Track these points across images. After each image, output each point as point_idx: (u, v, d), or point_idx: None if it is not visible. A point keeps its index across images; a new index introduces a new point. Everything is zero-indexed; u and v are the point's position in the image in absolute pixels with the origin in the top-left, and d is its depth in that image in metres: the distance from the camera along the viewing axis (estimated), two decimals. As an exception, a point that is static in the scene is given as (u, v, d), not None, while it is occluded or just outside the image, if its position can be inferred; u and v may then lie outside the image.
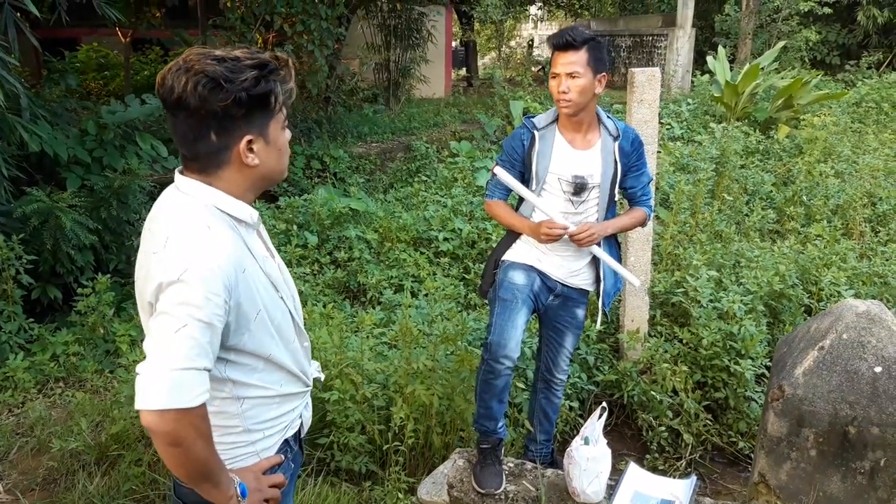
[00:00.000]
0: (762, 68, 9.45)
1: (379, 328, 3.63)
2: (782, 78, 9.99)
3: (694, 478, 2.48)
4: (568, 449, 2.42)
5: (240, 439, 1.44)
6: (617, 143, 2.55)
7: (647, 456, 3.39)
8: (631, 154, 2.58)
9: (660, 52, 14.45)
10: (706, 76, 10.42)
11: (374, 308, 4.52)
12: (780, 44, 10.53)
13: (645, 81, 3.46)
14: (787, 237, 5.54)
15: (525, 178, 2.56)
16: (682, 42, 13.21)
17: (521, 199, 2.67)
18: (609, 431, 3.65)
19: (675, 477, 3.18)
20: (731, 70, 10.09)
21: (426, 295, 4.70)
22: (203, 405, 1.24)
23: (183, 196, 1.35)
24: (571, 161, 2.53)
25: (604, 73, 2.46)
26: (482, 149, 8.41)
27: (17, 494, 2.81)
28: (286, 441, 1.53)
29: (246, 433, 1.44)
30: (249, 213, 1.39)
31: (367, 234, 5.37)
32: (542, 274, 2.62)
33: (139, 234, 5.09)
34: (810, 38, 12.57)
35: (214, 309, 1.24)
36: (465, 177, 6.84)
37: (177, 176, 1.38)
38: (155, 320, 1.24)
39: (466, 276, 5.03)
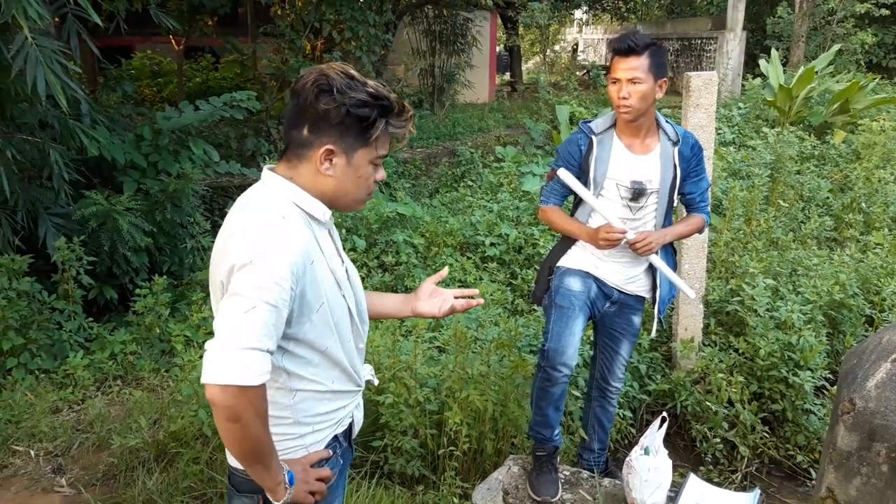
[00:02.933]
0: (817, 72, 9.20)
1: (430, 332, 3.63)
2: (837, 82, 9.71)
3: (758, 491, 2.42)
4: (627, 459, 2.38)
5: (289, 431, 1.48)
6: (676, 149, 2.50)
7: (702, 468, 3.32)
8: (690, 159, 2.54)
9: (709, 55, 14.19)
10: (757, 80, 10.19)
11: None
12: (836, 47, 10.24)
13: (701, 85, 3.39)
14: (845, 245, 5.37)
15: (581, 184, 2.53)
16: (733, 45, 12.94)
17: (575, 205, 2.64)
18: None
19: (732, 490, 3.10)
20: (783, 73, 9.84)
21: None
22: (263, 385, 1.30)
23: (265, 188, 1.44)
24: (630, 166, 2.49)
25: (664, 79, 2.42)
26: (528, 154, 8.37)
27: (80, 488, 2.88)
28: (335, 437, 1.56)
29: (296, 425, 1.48)
30: (322, 211, 1.45)
31: (414, 239, 5.39)
32: (598, 280, 2.58)
33: (192, 236, 5.25)
34: (866, 41, 12.20)
35: (281, 293, 1.30)
36: (511, 182, 6.82)
37: (265, 172, 1.47)
38: (226, 300, 1.31)
39: (513, 282, 5.01)
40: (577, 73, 17.53)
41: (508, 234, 5.35)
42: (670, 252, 2.68)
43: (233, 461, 1.50)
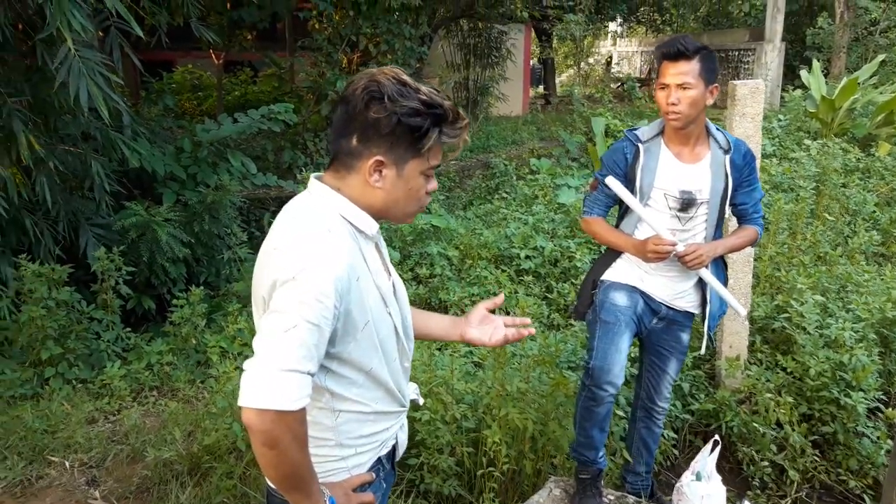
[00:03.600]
0: (860, 83, 8.97)
1: (466, 347, 3.57)
2: (881, 93, 9.45)
3: None
4: (677, 484, 2.28)
5: (332, 453, 1.42)
6: (728, 157, 2.40)
7: (749, 492, 3.18)
8: (743, 168, 2.43)
9: (747, 66, 13.96)
10: (798, 91, 9.97)
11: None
12: (880, 57, 9.98)
13: (747, 94, 3.29)
14: (893, 261, 5.18)
15: (630, 193, 2.44)
16: (772, 56, 12.70)
17: (621, 216, 2.56)
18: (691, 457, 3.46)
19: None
20: (825, 85, 9.62)
21: (508, 313, 4.62)
22: (303, 409, 1.24)
23: (312, 198, 1.38)
24: (679, 175, 2.40)
25: (715, 84, 2.33)
26: (562, 166, 8.29)
27: (113, 502, 2.88)
28: (379, 459, 1.50)
29: (338, 447, 1.42)
30: (370, 225, 1.39)
31: (448, 251, 5.35)
32: (645, 295, 2.49)
33: (229, 247, 5.27)
34: (911, 51, 11.86)
35: (324, 312, 1.24)
36: (546, 194, 6.74)
37: (311, 181, 1.41)
38: (267, 318, 1.25)
39: (549, 296, 4.92)
40: (612, 85, 17.41)
41: (544, 247, 5.27)
42: (721, 266, 2.58)
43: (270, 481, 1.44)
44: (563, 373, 2.83)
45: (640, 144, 2.43)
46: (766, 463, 3.20)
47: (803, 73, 9.90)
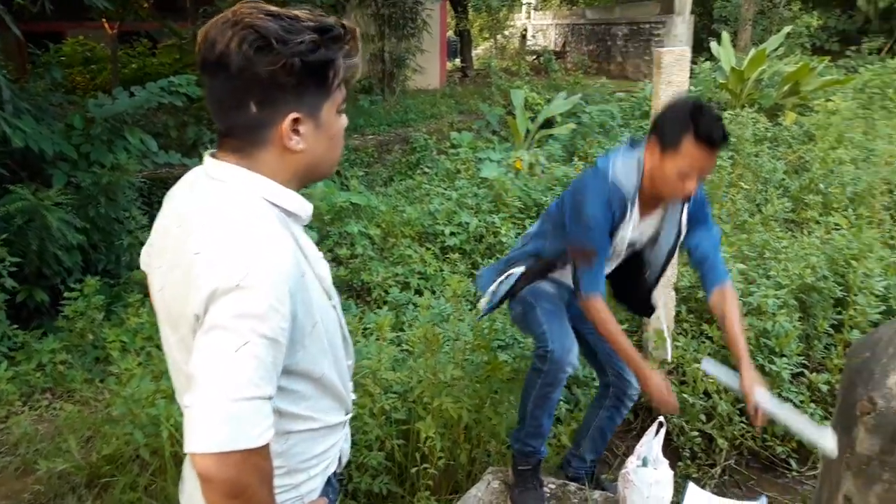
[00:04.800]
0: (768, 55, 9.26)
1: (393, 332, 3.40)
2: (786, 64, 9.80)
3: (764, 499, 2.26)
4: (623, 471, 2.19)
5: (283, 483, 1.19)
6: (686, 207, 2.25)
7: (679, 463, 3.18)
8: (696, 212, 2.28)
9: (658, 39, 14.25)
10: (707, 63, 10.21)
11: (380, 308, 4.29)
12: (786, 29, 10.34)
13: (673, 62, 3.23)
14: (804, 227, 5.34)
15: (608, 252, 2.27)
16: (681, 29, 13.00)
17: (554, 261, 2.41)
18: (636, 436, 3.44)
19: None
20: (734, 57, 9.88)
21: (434, 292, 4.48)
22: (269, 444, 1.01)
23: (219, 184, 1.11)
24: (639, 229, 2.27)
25: None
26: (483, 139, 8.18)
27: (1, 521, 2.57)
28: (328, 479, 1.31)
29: (290, 474, 1.20)
30: (302, 206, 1.16)
31: (369, 230, 5.14)
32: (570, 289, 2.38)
33: (129, 232, 4.89)
34: (811, 24, 12.39)
35: (280, 321, 1.02)
36: (469, 168, 6.61)
37: (207, 160, 1.15)
38: (207, 336, 1.00)
39: (475, 272, 4.81)
40: (528, 58, 17.44)
41: (469, 223, 5.15)
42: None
43: None
44: (497, 355, 2.69)
45: (628, 203, 2.17)
46: (695, 433, 3.20)
47: (713, 44, 10.14)
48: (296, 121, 1.09)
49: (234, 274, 0.99)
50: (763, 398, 2.11)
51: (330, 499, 1.31)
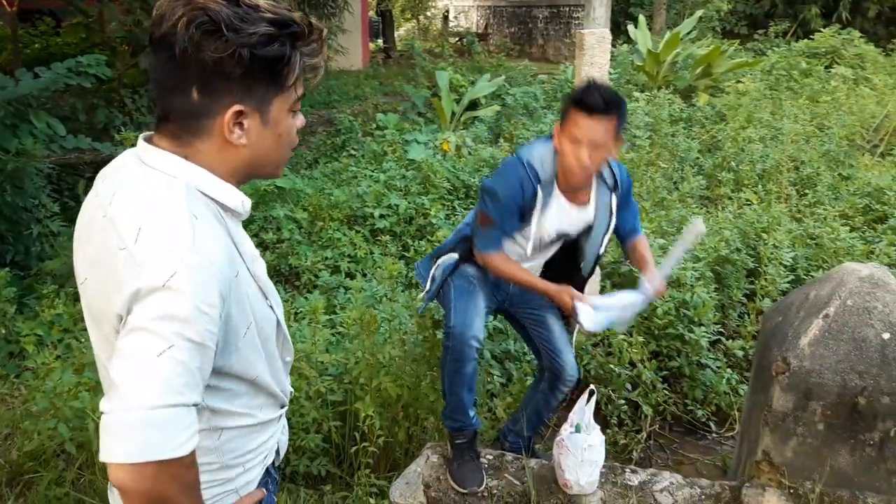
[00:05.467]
0: (682, 38, 9.59)
1: (327, 315, 3.37)
2: (699, 47, 10.18)
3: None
4: (558, 438, 2.26)
5: (216, 477, 1.16)
6: (615, 196, 2.32)
7: (608, 430, 3.30)
8: (624, 196, 2.40)
9: (577, 22, 14.51)
10: (625, 46, 10.48)
11: (310, 292, 4.24)
12: (699, 13, 10.73)
13: (595, 43, 3.31)
14: (718, 203, 5.60)
15: (518, 228, 2.31)
16: (600, 12, 13.22)
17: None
18: (566, 407, 3.55)
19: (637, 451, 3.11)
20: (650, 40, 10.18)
21: (365, 275, 4.46)
22: (193, 452, 0.96)
23: (151, 172, 1.04)
24: (566, 218, 2.31)
25: (622, 136, 2.21)
26: (409, 121, 8.15)
27: (-88, 528, 2.42)
28: (266, 470, 1.28)
29: (223, 470, 1.17)
30: (241, 200, 1.10)
31: (296, 213, 5.06)
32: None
33: (38, 220, 4.63)
34: (721, 8, 12.88)
35: (208, 325, 0.96)
36: (396, 150, 6.58)
37: (140, 144, 1.07)
38: (128, 338, 0.94)
39: (406, 254, 4.82)
40: (451, 40, 17.43)
41: (398, 205, 5.14)
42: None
43: None
44: (434, 333, 2.71)
45: (539, 186, 2.22)
46: (622, 401, 3.33)
47: (630, 27, 10.42)
48: (239, 113, 1.04)
49: (161, 274, 0.93)
50: (660, 273, 2.34)
51: (269, 489, 1.30)
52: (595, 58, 3.32)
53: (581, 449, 2.14)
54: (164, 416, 0.92)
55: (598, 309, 2.23)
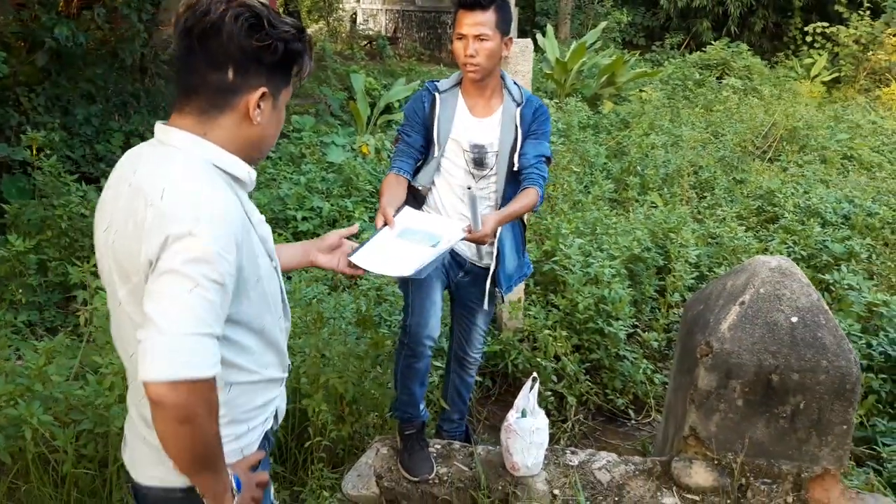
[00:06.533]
0: (587, 47, 10.02)
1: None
2: (603, 57, 10.67)
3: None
4: (505, 423, 2.37)
5: (226, 432, 1.26)
6: (519, 110, 2.43)
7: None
8: (532, 122, 2.45)
9: (486, 29, 14.79)
10: (534, 54, 10.83)
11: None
12: (603, 24, 11.24)
13: (518, 53, 3.47)
14: (627, 205, 5.92)
15: (428, 144, 2.44)
16: (508, 20, 13.63)
17: (420, 166, 2.51)
18: (495, 401, 3.69)
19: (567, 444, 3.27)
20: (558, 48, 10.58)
21: (290, 278, 4.44)
22: (215, 376, 1.12)
23: (170, 149, 1.22)
24: (471, 128, 2.42)
25: (510, 36, 2.38)
26: (326, 123, 8.12)
27: None
28: (266, 435, 1.39)
29: (231, 425, 1.29)
30: (247, 172, 1.28)
31: (216, 216, 4.96)
32: (451, 250, 2.49)
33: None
34: (621, 20, 13.53)
35: (227, 268, 1.14)
36: (314, 153, 6.55)
37: (159, 128, 1.25)
38: (159, 280, 1.10)
39: (330, 256, 4.82)
40: (361, 42, 17.37)
41: (321, 208, 5.14)
42: (519, 227, 2.59)
43: (144, 477, 1.26)
44: (377, 330, 2.77)
45: (437, 94, 2.43)
46: (548, 393, 3.50)
47: (539, 36, 10.77)
48: (263, 95, 1.22)
49: (186, 223, 1.10)
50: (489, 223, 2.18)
51: (267, 453, 1.41)
52: (518, 66, 3.48)
53: (529, 432, 2.27)
54: (196, 342, 1.08)
55: (402, 235, 2.02)
